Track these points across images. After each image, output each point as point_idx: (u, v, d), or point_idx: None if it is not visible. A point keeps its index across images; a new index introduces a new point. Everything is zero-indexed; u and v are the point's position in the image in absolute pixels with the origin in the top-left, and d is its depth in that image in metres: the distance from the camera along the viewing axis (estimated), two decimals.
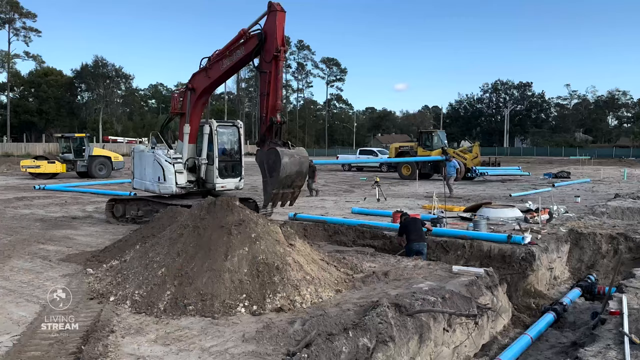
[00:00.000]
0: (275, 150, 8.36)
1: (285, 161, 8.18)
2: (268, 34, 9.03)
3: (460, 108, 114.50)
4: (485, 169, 31.60)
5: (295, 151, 8.59)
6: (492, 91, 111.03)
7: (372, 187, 20.13)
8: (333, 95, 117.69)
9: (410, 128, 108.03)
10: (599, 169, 41.00)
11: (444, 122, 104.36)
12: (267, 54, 9.01)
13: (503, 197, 20.07)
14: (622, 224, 13.15)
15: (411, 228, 10.24)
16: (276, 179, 8.33)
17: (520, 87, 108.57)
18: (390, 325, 5.39)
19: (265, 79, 9.00)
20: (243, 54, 9.99)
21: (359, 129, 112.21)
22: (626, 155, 73.15)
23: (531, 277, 9.59)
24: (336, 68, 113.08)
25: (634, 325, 5.85)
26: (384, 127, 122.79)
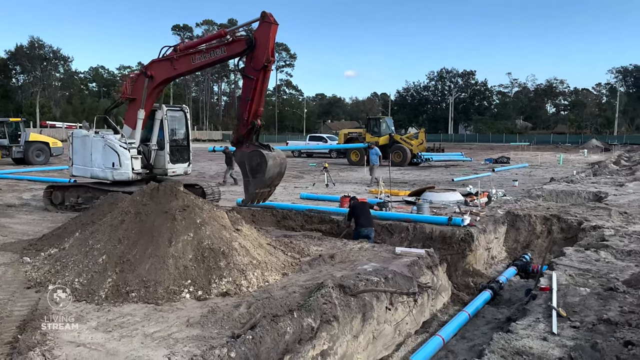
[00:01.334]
0: (259, 153, 8.77)
1: (270, 164, 8.69)
2: (259, 43, 9.13)
3: (407, 95, 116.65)
4: (430, 155, 32.56)
5: (276, 153, 9.06)
6: (437, 79, 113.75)
7: (321, 173, 20.31)
8: (283, 81, 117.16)
9: (360, 115, 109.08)
10: (537, 154, 43.06)
11: (392, 109, 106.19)
12: (256, 62, 9.14)
13: (446, 182, 20.76)
14: (555, 206, 13.92)
15: (359, 213, 10.48)
16: (260, 179, 8.86)
17: (464, 76, 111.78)
18: (334, 306, 5.53)
19: (250, 84, 9.21)
20: (224, 54, 9.99)
21: (309, 115, 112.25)
22: (563, 142, 77.16)
23: (470, 257, 10.04)
24: (285, 53, 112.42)
25: (562, 300, 6.26)
26: (334, 114, 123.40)
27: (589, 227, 10.85)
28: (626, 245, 8.98)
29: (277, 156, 9.03)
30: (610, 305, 5.99)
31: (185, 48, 10.69)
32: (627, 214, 12.14)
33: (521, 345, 4.76)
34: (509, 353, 4.51)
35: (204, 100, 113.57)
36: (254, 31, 9.29)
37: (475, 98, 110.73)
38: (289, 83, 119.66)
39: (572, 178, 21.19)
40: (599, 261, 8.11)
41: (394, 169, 27.11)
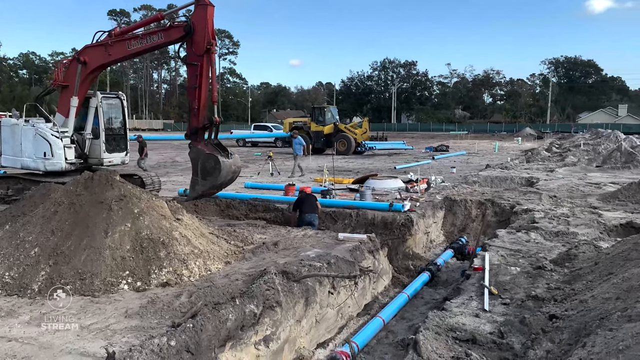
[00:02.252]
0: (216, 159, 8.67)
1: (223, 173, 8.67)
2: (198, 27, 8.87)
3: (352, 85, 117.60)
4: (373, 144, 33.11)
5: (232, 161, 8.98)
6: (380, 69, 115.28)
7: (266, 162, 20.22)
8: (226, 69, 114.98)
9: (305, 104, 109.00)
10: (474, 142, 44.75)
11: (337, 99, 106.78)
12: (197, 47, 8.90)
13: (388, 170, 21.23)
14: (490, 191, 14.58)
15: (303, 201, 10.61)
16: (209, 183, 8.87)
17: (406, 66, 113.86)
18: (277, 291, 5.57)
19: (195, 71, 8.97)
20: (161, 40, 9.63)
21: (254, 104, 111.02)
22: (499, 130, 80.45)
23: (410, 241, 10.37)
24: (228, 40, 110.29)
25: (494, 279, 6.61)
26: (279, 103, 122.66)
27: (521, 210, 11.45)
28: (554, 227, 9.55)
29: (233, 164, 8.99)
30: (538, 282, 6.38)
31: (120, 33, 10.30)
32: (556, 198, 12.88)
33: (455, 322, 5.00)
34: (443, 330, 4.72)
35: (143, 88, 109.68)
36: (191, 15, 9.07)
37: (417, 88, 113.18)
38: (233, 71, 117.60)
39: (507, 165, 22.22)
40: (529, 242, 8.59)
41: (338, 158, 27.42)
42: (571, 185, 15.35)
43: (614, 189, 13.62)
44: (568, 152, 26.69)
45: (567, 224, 9.75)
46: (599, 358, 3.72)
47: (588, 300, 4.98)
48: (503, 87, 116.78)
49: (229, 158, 8.91)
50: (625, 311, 4.27)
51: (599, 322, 4.35)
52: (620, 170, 19.83)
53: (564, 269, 6.81)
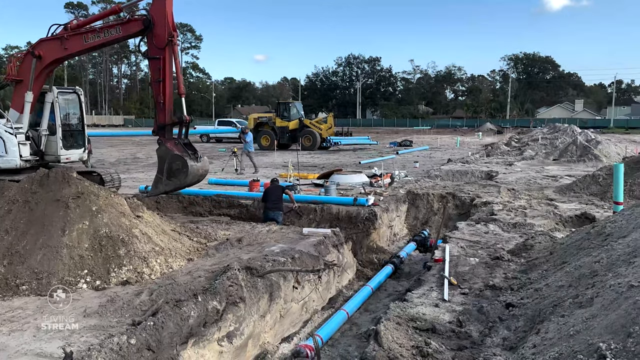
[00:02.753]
0: (184, 162, 8.48)
1: (189, 177, 8.52)
2: (157, 20, 8.62)
3: (317, 80, 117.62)
4: (338, 139, 33.30)
5: (200, 165, 8.79)
6: (345, 65, 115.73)
7: (230, 158, 20.04)
8: (188, 64, 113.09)
9: (270, 99, 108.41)
10: (437, 137, 45.53)
11: (303, 94, 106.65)
12: (158, 40, 8.66)
13: (353, 165, 21.39)
14: (451, 184, 14.89)
15: (269, 196, 10.56)
16: (173, 184, 8.73)
17: (370, 62, 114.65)
18: (240, 287, 5.55)
19: (157, 65, 8.73)
20: (120, 34, 9.33)
21: (218, 99, 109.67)
22: (460, 125, 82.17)
23: (374, 234, 10.49)
24: (190, 34, 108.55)
25: (454, 270, 6.77)
26: (244, 98, 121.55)
27: (480, 203, 11.75)
28: (512, 219, 9.85)
29: (201, 168, 8.83)
30: (496, 272, 6.57)
31: (76, 26, 9.97)
32: (514, 190, 13.27)
33: (415, 312, 5.11)
34: (403, 320, 4.82)
35: (103, 83, 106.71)
36: (149, 8, 8.87)
37: (381, 84, 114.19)
38: (196, 66, 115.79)
39: (467, 159, 22.72)
40: (487, 233, 8.84)
41: (304, 153, 27.43)
42: (529, 178, 15.84)
43: (570, 182, 14.13)
44: (526, 146, 27.49)
45: (525, 216, 10.06)
46: (552, 343, 3.88)
47: (542, 288, 5.17)
48: (464, 83, 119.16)
49: (198, 161, 8.71)
50: (577, 298, 4.46)
51: (552, 309, 4.53)
52: (575, 163, 20.57)
53: (521, 259, 7.04)
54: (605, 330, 3.60)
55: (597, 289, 4.33)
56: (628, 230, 5.77)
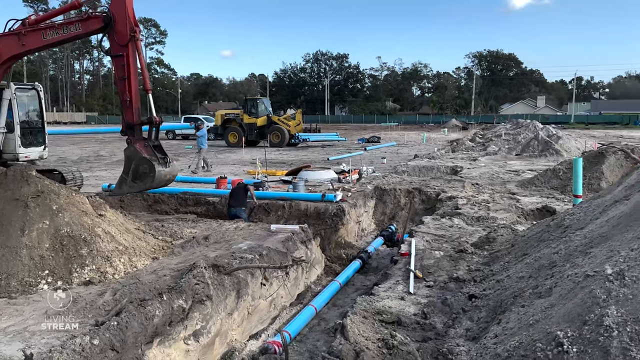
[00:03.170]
0: (151, 165, 8.21)
1: (155, 182, 8.29)
2: (118, 16, 8.32)
3: (285, 77, 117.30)
4: (307, 136, 33.28)
5: (169, 170, 8.54)
6: (313, 61, 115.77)
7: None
8: (153, 59, 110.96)
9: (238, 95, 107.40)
10: (404, 134, 46.07)
11: (271, 91, 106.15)
12: (120, 37, 8.37)
13: (322, 161, 21.45)
14: (418, 180, 15.10)
15: (233, 194, 10.55)
16: (138, 186, 8.47)
17: (338, 58, 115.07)
18: (207, 285, 5.51)
19: (121, 62, 8.44)
20: (80, 31, 8.98)
21: (184, 95, 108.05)
22: (427, 122, 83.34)
23: (342, 230, 10.56)
24: (155, 29, 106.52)
25: (419, 263, 6.88)
26: (211, 94, 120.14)
27: (446, 197, 11.97)
28: (476, 213, 10.07)
29: (169, 173, 8.56)
30: (460, 265, 6.71)
31: (35, 22, 9.62)
32: (478, 185, 13.57)
33: (381, 305, 5.18)
34: (370, 313, 4.87)
35: (64, 79, 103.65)
36: (109, 4, 8.65)
37: (349, 80, 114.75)
38: (161, 61, 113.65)
39: (433, 155, 23.10)
40: (452, 227, 9.01)
41: (272, 150, 27.34)
42: (492, 173, 16.22)
43: (531, 176, 14.54)
44: (490, 141, 28.12)
45: (488, 210, 10.30)
46: (513, 333, 3.99)
47: (504, 279, 5.31)
48: (430, 80, 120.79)
49: (166, 166, 8.51)
50: (536, 288, 4.60)
51: (513, 299, 4.66)
52: (537, 158, 21.17)
53: (484, 251, 7.21)
54: (562, 319, 3.73)
55: (555, 279, 4.48)
56: (585, 222, 5.98)
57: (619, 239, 4.61)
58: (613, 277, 3.77)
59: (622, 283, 3.71)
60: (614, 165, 13.01)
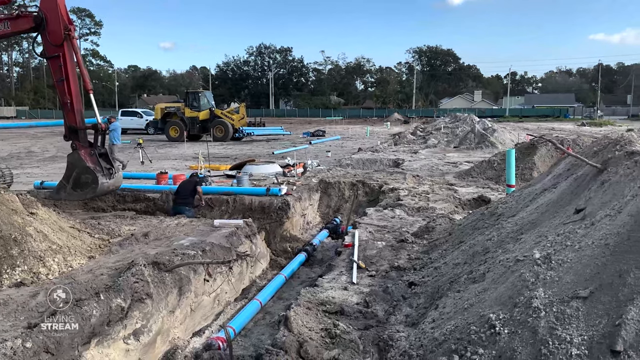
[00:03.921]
0: (94, 177, 7.95)
1: (97, 193, 8.12)
2: (49, 16, 7.85)
3: (228, 70, 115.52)
4: (251, 130, 33.03)
5: (112, 182, 8.31)
6: (257, 54, 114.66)
7: (135, 150, 19.19)
8: (88, 51, 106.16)
9: (179, 88, 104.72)
10: (348, 127, 46.59)
11: (213, 84, 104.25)
12: (54, 37, 7.92)
13: (267, 155, 21.36)
14: (361, 173, 15.34)
15: (180, 189, 10.35)
16: (77, 195, 8.30)
17: (282, 52, 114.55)
18: (147, 283, 5.37)
19: (57, 63, 8.03)
20: (9, 30, 8.43)
21: (122, 88, 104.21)
22: (370, 115, 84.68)
23: (287, 223, 10.58)
24: (89, 20, 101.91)
25: (362, 254, 7.02)
26: (150, 87, 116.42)
27: (388, 189, 12.24)
28: (416, 203, 10.37)
29: (112, 185, 8.32)
30: (401, 254, 6.91)
31: None
32: (418, 177, 13.96)
33: (325, 296, 5.25)
34: (314, 304, 4.93)
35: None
36: (40, 3, 8.19)
37: (294, 74, 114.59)
38: (96, 53, 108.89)
39: (377, 148, 23.54)
40: (394, 218, 9.24)
41: (216, 144, 26.94)
42: (432, 165, 16.74)
43: (468, 167, 15.12)
44: (430, 135, 28.92)
45: (428, 200, 10.64)
46: (449, 317, 4.17)
47: (441, 266, 5.52)
48: (373, 75, 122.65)
49: (111, 177, 8.17)
50: (471, 274, 4.81)
51: (450, 285, 4.85)
52: (474, 150, 22.03)
53: (424, 240, 7.45)
54: (495, 302, 3.93)
55: (488, 264, 4.71)
56: (517, 210, 6.31)
57: (547, 225, 4.90)
58: (541, 261, 4.00)
59: (549, 266, 3.94)
60: (545, 156, 13.75)
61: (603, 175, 4.94)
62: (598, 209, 4.37)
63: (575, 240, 4.05)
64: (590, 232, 4.05)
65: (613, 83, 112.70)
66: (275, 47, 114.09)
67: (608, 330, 3.14)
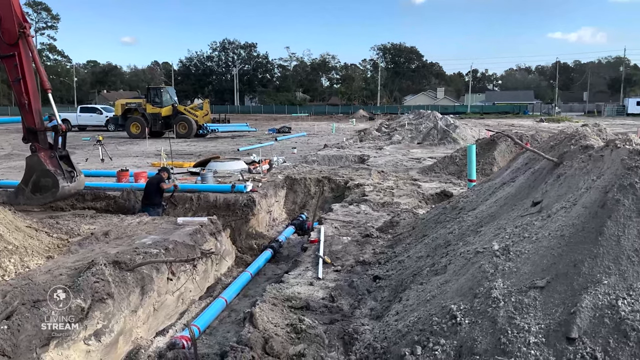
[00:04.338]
0: (55, 181, 7.67)
1: (57, 197, 7.87)
2: (3, 14, 7.56)
3: (191, 65, 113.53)
4: (216, 126, 32.61)
5: (74, 186, 8.05)
6: (220, 50, 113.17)
7: (95, 147, 18.69)
8: (45, 45, 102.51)
9: (140, 84, 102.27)
10: (314, 124, 46.65)
11: (176, 79, 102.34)
12: (9, 37, 7.62)
13: (232, 152, 21.16)
14: (327, 169, 15.41)
15: (145, 189, 10.15)
16: (37, 200, 8.03)
17: (246, 48, 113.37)
18: (107, 283, 5.25)
19: (12, 63, 7.71)
20: None
21: (81, 84, 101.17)
22: (336, 112, 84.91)
23: (253, 220, 10.52)
24: (46, 13, 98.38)
25: (328, 249, 7.05)
26: (110, 83, 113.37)
27: (354, 185, 12.33)
28: (381, 199, 10.48)
29: (74, 189, 8.04)
30: (366, 249, 6.98)
31: None
32: (383, 173, 14.12)
33: (291, 292, 5.26)
34: (279, 300, 4.93)
35: None
36: None
37: (259, 70, 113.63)
38: (53, 48, 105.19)
39: (342, 144, 23.66)
40: (359, 213, 9.32)
41: (179, 141, 26.49)
42: (396, 161, 16.95)
43: (431, 163, 15.39)
44: (395, 131, 29.25)
45: (392, 195, 10.77)
46: (412, 309, 4.24)
47: (405, 260, 5.60)
48: (339, 71, 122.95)
49: (72, 180, 7.88)
50: (433, 266, 4.91)
51: (413, 278, 4.94)
52: (437, 146, 22.42)
53: (388, 235, 7.55)
54: (456, 293, 4.02)
55: (450, 257, 4.81)
56: (477, 203, 6.46)
57: (505, 218, 5.04)
58: (500, 252, 4.12)
59: (508, 257, 4.06)
60: (504, 151, 14.13)
61: (559, 169, 5.11)
62: (554, 201, 4.53)
63: (532, 232, 4.18)
64: (546, 224, 4.19)
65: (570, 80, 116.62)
66: (240, 43, 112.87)
67: (564, 318, 3.27)
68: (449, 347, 3.44)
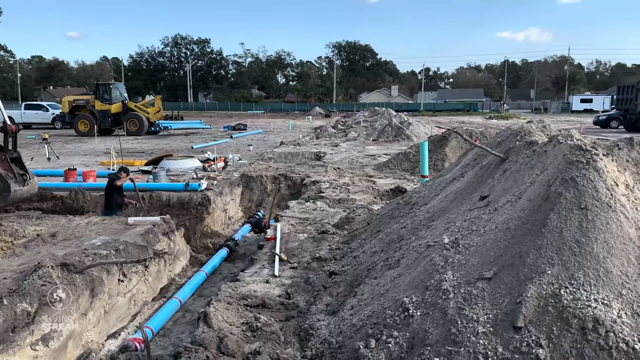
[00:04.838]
0: (6, 184, 7.37)
1: (8, 202, 7.59)
2: None
3: (142, 61, 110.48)
4: (168, 123, 31.96)
5: (26, 189, 7.70)
6: (173, 45, 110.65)
7: (41, 145, 17.92)
8: None
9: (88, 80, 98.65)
10: (270, 121, 46.42)
11: (126, 75, 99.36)
12: None
13: (186, 150, 20.77)
14: (284, 166, 15.38)
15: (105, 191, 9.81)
16: None
17: (199, 43, 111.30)
18: (55, 286, 5.06)
19: None
20: None
21: (25, 80, 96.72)
22: (292, 109, 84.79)
23: (208, 219, 10.38)
24: None
25: (285, 246, 7.05)
26: (57, 79, 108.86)
27: (310, 182, 12.37)
28: (337, 195, 10.57)
29: (26, 192, 7.61)
30: (322, 245, 7.02)
31: None
32: (339, 169, 14.23)
33: (247, 290, 5.23)
34: (235, 299, 4.90)
35: None
36: None
37: (213, 67, 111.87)
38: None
39: (299, 141, 23.65)
40: (316, 210, 9.37)
41: (130, 139, 25.78)
42: (352, 158, 17.11)
43: (386, 159, 15.62)
44: (350, 128, 29.50)
45: (348, 192, 10.88)
46: (366, 303, 4.31)
47: (360, 255, 5.68)
48: (294, 68, 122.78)
49: (25, 184, 7.48)
50: (387, 261, 5.00)
51: (368, 272, 5.01)
52: (391, 143, 22.78)
53: (344, 231, 7.62)
54: (408, 286, 4.11)
55: (403, 251, 4.92)
56: (429, 198, 6.62)
57: (455, 212, 5.19)
58: (449, 245, 4.24)
59: (457, 250, 4.19)
60: (455, 147, 14.51)
61: (505, 164, 5.31)
62: (500, 195, 4.70)
63: (480, 225, 4.33)
64: (493, 217, 4.35)
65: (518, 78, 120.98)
66: (193, 38, 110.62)
67: (510, 308, 3.40)
68: (401, 339, 3.52)
